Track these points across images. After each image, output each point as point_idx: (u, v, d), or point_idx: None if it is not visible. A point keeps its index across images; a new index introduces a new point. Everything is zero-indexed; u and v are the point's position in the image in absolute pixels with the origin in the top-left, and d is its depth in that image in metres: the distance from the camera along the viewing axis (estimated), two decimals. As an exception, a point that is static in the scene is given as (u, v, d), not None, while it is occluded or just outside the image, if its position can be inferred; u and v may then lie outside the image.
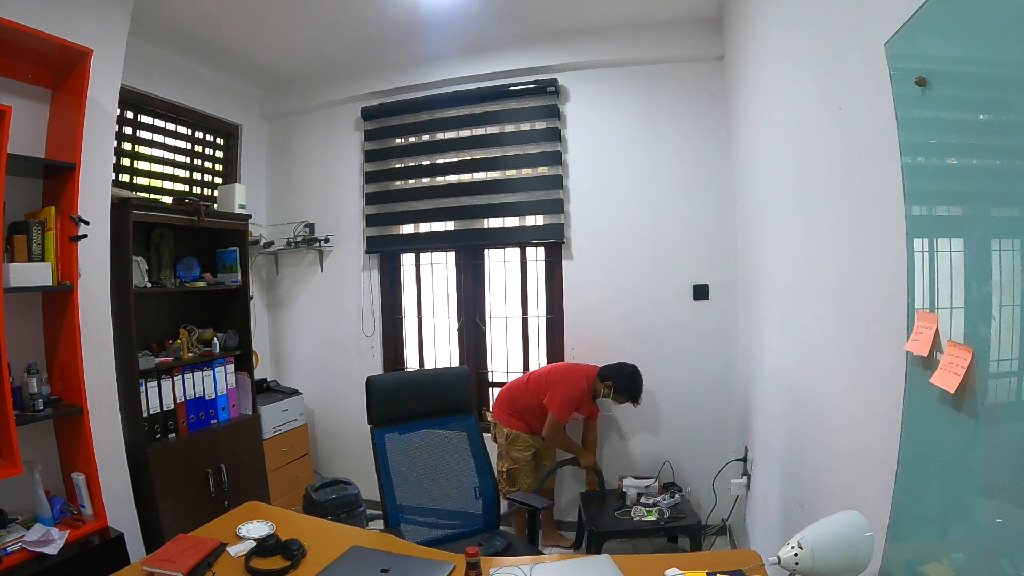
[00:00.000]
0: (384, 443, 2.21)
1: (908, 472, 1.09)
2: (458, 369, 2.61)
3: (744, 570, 1.42)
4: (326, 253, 3.84)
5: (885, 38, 1.11)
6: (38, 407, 2.02)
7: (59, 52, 2.08)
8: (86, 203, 2.16)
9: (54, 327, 2.19)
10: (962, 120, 0.96)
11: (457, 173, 3.54)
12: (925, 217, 1.06)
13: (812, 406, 1.76)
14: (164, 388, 2.69)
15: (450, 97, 3.48)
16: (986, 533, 0.87)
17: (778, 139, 2.11)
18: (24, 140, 2.06)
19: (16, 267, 1.97)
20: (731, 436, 3.09)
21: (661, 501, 2.75)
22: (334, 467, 3.86)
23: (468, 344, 3.63)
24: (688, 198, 3.16)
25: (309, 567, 1.54)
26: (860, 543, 1.14)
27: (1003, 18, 0.79)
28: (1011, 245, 0.80)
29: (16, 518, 1.97)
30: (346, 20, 3.04)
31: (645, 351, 3.15)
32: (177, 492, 2.64)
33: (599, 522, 2.70)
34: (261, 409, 3.24)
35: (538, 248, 3.48)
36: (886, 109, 1.12)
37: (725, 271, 3.09)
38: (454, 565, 1.53)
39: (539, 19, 3.12)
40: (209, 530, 1.76)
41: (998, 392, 0.83)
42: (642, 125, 3.22)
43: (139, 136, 3.20)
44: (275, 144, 4.01)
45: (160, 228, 2.89)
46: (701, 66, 3.11)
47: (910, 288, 1.07)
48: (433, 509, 2.20)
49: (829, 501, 1.56)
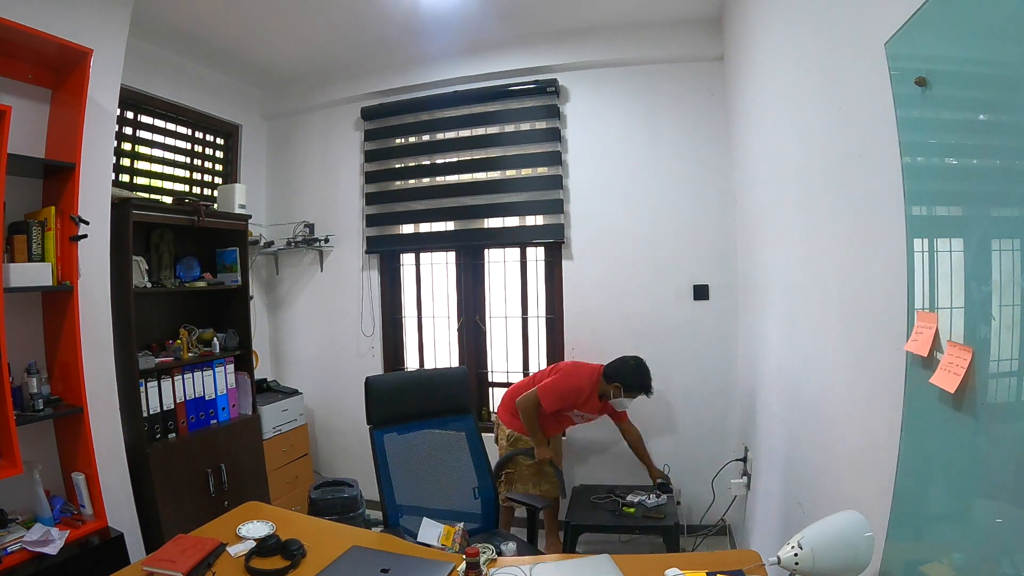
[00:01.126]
0: (383, 443, 2.21)
1: (908, 472, 1.09)
2: (457, 369, 2.61)
3: (744, 570, 1.42)
4: (326, 253, 3.84)
5: (885, 38, 1.11)
6: (38, 407, 2.02)
7: (59, 52, 2.08)
8: (86, 203, 2.16)
9: (54, 327, 2.19)
10: (962, 120, 0.96)
11: (457, 173, 3.54)
12: (925, 217, 1.05)
13: (812, 406, 1.76)
14: (164, 388, 2.69)
15: (450, 97, 3.48)
16: (986, 533, 0.87)
17: (778, 139, 2.11)
18: (24, 140, 2.06)
19: (16, 267, 1.97)
20: (731, 436, 3.09)
21: (645, 500, 2.75)
22: (334, 467, 3.86)
23: (468, 344, 3.63)
24: (688, 198, 3.16)
25: (309, 567, 1.54)
26: (860, 543, 1.14)
27: (1003, 18, 0.79)
28: (1011, 245, 0.80)
29: (16, 518, 1.97)
30: (346, 20, 3.04)
31: (645, 351, 3.13)
32: (177, 492, 2.64)
33: (576, 515, 2.72)
34: (261, 409, 3.24)
35: (538, 248, 3.48)
36: (886, 109, 1.12)
37: (725, 271, 3.10)
38: (454, 565, 1.54)
39: (539, 19, 3.12)
40: (209, 530, 1.76)
41: (998, 392, 0.83)
42: (642, 125, 3.22)
43: (139, 136, 3.20)
44: (275, 144, 4.01)
45: (160, 228, 2.90)
46: (701, 66, 3.12)
47: (910, 288, 1.07)
48: (432, 509, 2.20)
49: (829, 501, 1.55)
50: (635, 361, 2.84)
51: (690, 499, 3.11)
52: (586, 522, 2.71)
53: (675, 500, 2.86)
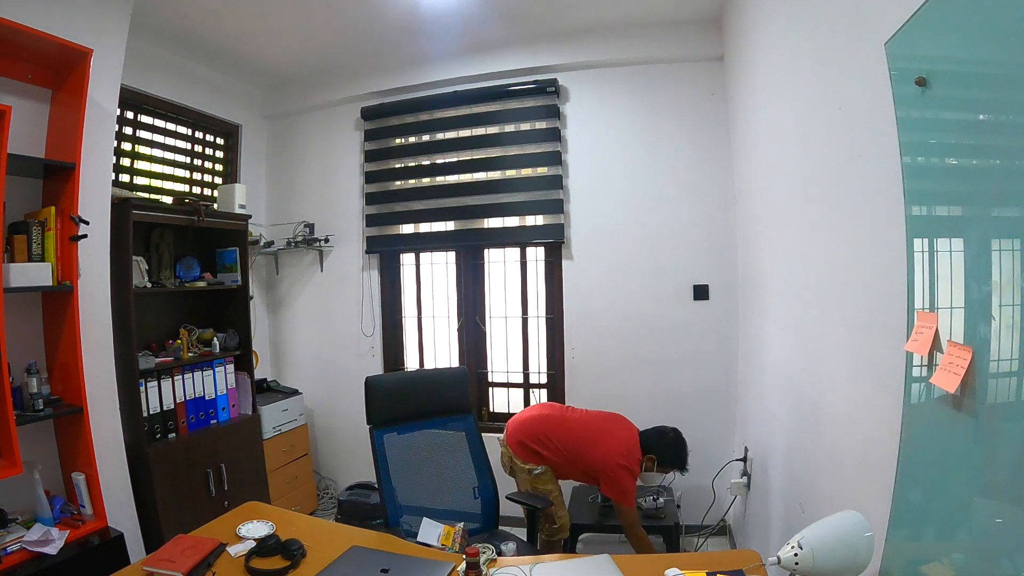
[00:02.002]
0: (383, 443, 2.22)
1: (908, 472, 1.09)
2: (457, 369, 2.61)
3: (744, 570, 1.42)
4: (326, 253, 3.84)
5: (885, 38, 1.11)
6: (38, 407, 2.02)
7: (59, 52, 2.08)
8: (86, 203, 2.16)
9: (54, 327, 2.19)
10: (962, 120, 0.96)
11: (457, 173, 3.54)
12: (925, 217, 1.05)
13: (812, 406, 1.76)
14: (164, 388, 2.69)
15: (450, 97, 3.48)
16: (986, 533, 0.87)
17: (778, 139, 2.11)
18: (24, 140, 2.06)
19: (16, 267, 1.97)
20: (731, 436, 3.09)
21: (642, 503, 2.74)
22: (334, 467, 3.87)
23: (468, 344, 3.63)
24: (688, 198, 3.16)
25: (309, 567, 1.54)
26: (860, 543, 1.14)
27: (1003, 18, 0.79)
28: (1011, 245, 0.80)
29: (16, 518, 1.97)
30: (346, 20, 3.04)
31: (645, 351, 3.15)
32: (177, 492, 2.64)
33: (576, 515, 2.71)
34: (261, 409, 3.24)
35: (538, 248, 3.48)
36: (886, 109, 1.12)
37: (725, 271, 3.10)
38: (454, 565, 1.54)
39: (539, 19, 3.12)
40: (209, 530, 1.76)
41: (998, 392, 0.83)
42: (642, 125, 3.22)
43: (139, 136, 3.20)
44: (275, 144, 4.01)
45: (160, 228, 2.90)
46: (701, 66, 3.12)
47: (910, 288, 1.07)
48: (432, 509, 2.20)
49: (829, 501, 1.55)
50: (674, 434, 2.56)
51: (690, 499, 3.11)
52: (586, 522, 2.70)
53: (675, 503, 2.86)
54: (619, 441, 2.47)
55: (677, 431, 2.58)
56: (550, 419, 2.61)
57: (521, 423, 2.62)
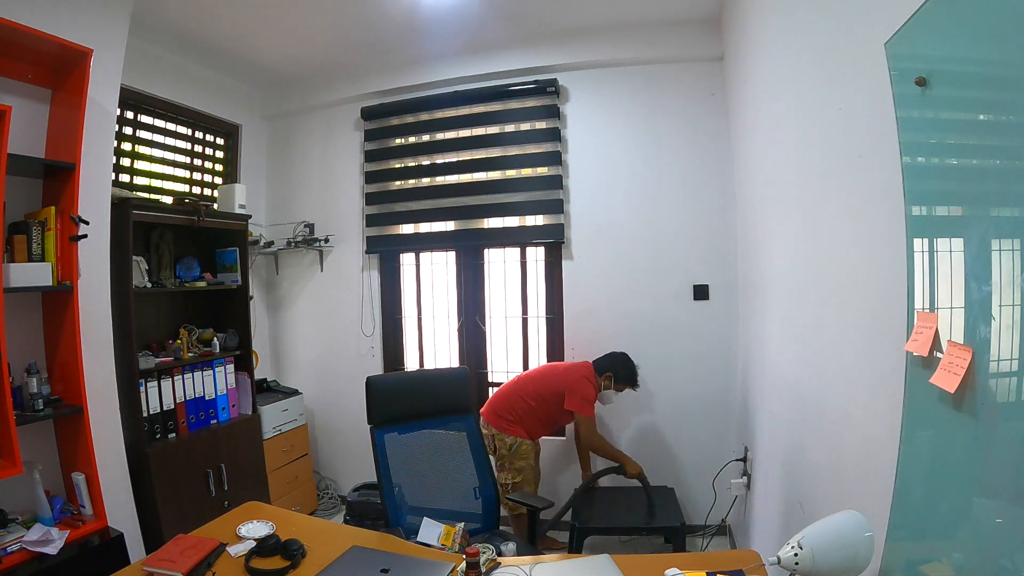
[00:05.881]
0: (384, 443, 2.22)
1: (908, 472, 1.09)
2: (458, 369, 2.61)
3: (744, 570, 1.42)
4: (326, 253, 3.84)
5: (885, 38, 1.11)
6: (38, 407, 2.02)
7: (59, 52, 2.08)
8: (86, 203, 2.16)
9: (54, 327, 2.19)
10: (962, 120, 0.96)
11: (457, 173, 3.54)
12: (925, 217, 1.05)
13: (812, 406, 1.76)
14: (164, 388, 2.69)
15: (450, 97, 3.48)
16: (986, 533, 0.87)
17: (778, 139, 2.11)
18: (24, 140, 2.06)
19: (16, 267, 1.98)
20: (731, 436, 3.09)
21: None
22: (334, 467, 3.87)
23: (468, 344, 3.63)
24: (688, 198, 3.16)
25: (309, 567, 1.54)
26: (860, 543, 1.14)
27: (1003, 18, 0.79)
28: (1011, 245, 0.80)
29: (16, 518, 1.97)
30: (346, 20, 3.04)
31: (645, 351, 3.14)
32: (177, 492, 2.64)
33: (583, 518, 2.69)
34: (261, 409, 3.24)
35: (538, 248, 3.48)
36: (886, 109, 1.12)
37: (725, 271, 3.10)
38: (454, 565, 1.53)
39: (539, 19, 3.12)
40: (209, 530, 1.76)
41: (998, 392, 0.83)
42: (642, 125, 3.22)
43: (139, 136, 3.20)
44: (275, 144, 4.01)
45: (160, 228, 2.90)
46: (701, 66, 3.12)
47: (910, 288, 1.07)
48: (433, 509, 2.20)
49: (829, 501, 1.55)
50: (623, 355, 2.98)
51: (691, 499, 3.11)
52: (592, 524, 2.67)
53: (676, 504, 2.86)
54: (580, 366, 2.96)
55: (624, 353, 2.99)
56: (514, 381, 2.99)
57: (491, 399, 2.97)
